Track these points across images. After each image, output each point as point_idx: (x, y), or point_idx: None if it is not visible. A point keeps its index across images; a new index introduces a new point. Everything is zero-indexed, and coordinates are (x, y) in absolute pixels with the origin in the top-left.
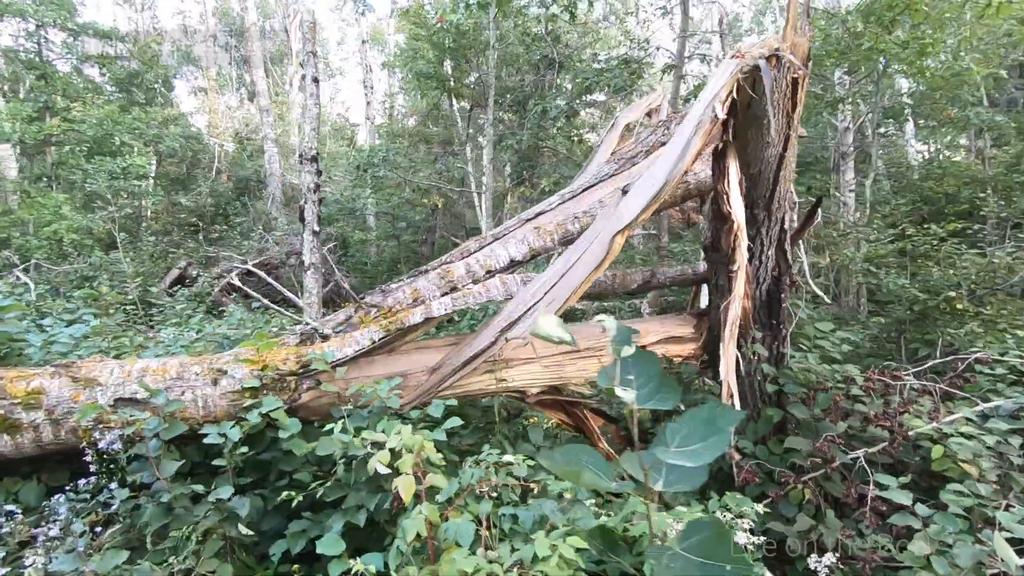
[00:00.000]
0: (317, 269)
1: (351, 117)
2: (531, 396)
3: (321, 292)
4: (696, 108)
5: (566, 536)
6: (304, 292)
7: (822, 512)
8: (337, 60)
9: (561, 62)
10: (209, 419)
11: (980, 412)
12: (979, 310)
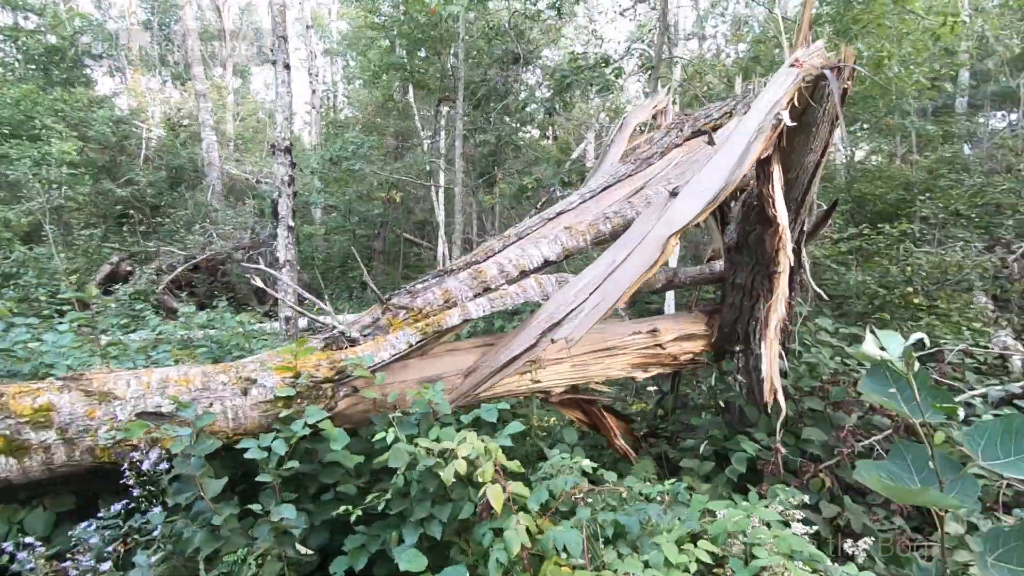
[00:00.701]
0: (293, 266)
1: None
2: (555, 396)
3: (295, 291)
4: (755, 115)
5: (692, 540)
6: (279, 290)
7: (840, 499)
8: (269, 45)
9: (526, 57)
10: (239, 432)
11: (966, 400)
12: (932, 304)
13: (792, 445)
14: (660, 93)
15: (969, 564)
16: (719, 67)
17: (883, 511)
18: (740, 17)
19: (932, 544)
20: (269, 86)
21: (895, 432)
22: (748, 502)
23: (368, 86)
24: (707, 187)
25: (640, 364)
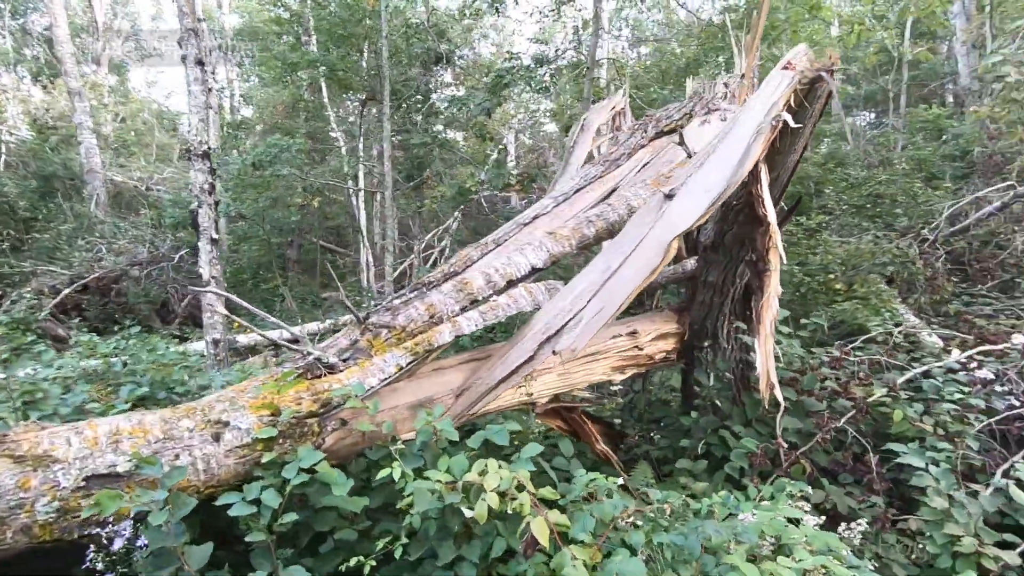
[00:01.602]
0: (220, 283)
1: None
2: (540, 406)
3: (223, 309)
4: (752, 115)
5: (774, 554)
6: (204, 311)
7: (820, 483)
8: (154, 39)
9: (448, 57)
10: (213, 484)
11: (908, 378)
12: (850, 289)
13: (766, 435)
14: (617, 95)
15: (959, 536)
16: (641, 67)
17: (858, 490)
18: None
19: (910, 518)
20: (151, 84)
21: (857, 413)
22: (749, 498)
23: (273, 84)
24: (710, 188)
25: (619, 367)
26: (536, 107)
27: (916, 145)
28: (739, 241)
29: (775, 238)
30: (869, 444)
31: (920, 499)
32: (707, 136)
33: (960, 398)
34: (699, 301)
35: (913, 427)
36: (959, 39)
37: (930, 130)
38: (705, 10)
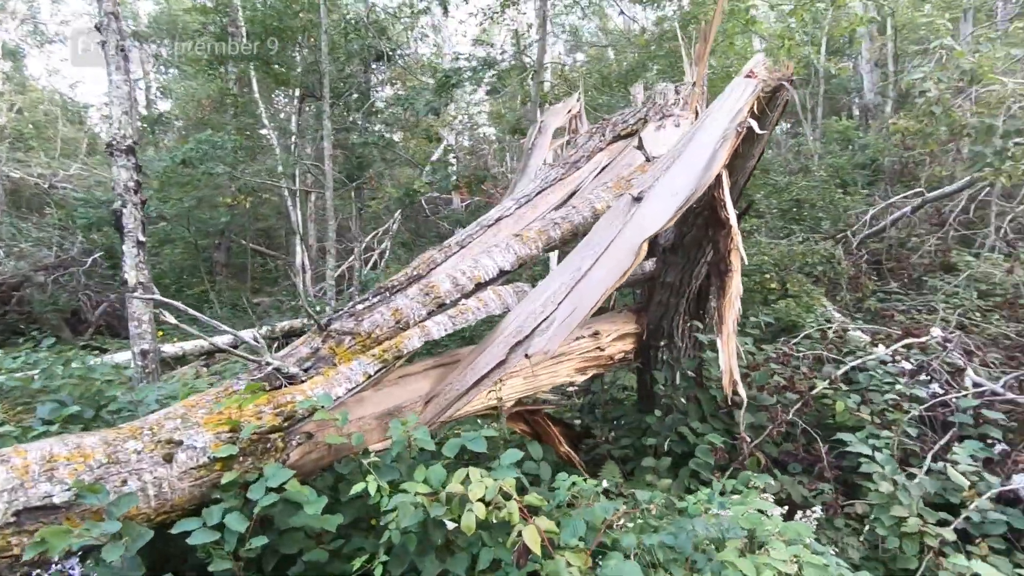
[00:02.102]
0: (149, 289)
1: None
2: (506, 410)
3: (153, 317)
4: (718, 122)
5: (750, 547)
6: (131, 320)
7: (773, 473)
8: (55, 24)
9: (388, 55)
10: (166, 511)
11: (845, 371)
12: (784, 289)
13: (720, 430)
14: (572, 98)
15: (904, 517)
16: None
17: (806, 479)
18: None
19: (856, 503)
20: (53, 72)
21: (803, 406)
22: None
23: (196, 77)
24: (677, 191)
25: (582, 368)
26: (476, 109)
27: (834, 154)
28: (697, 243)
29: (736, 240)
30: (818, 435)
31: (863, 484)
32: (663, 140)
33: (896, 388)
34: (656, 301)
35: (853, 417)
36: (864, 57)
37: (841, 140)
38: (638, 19)
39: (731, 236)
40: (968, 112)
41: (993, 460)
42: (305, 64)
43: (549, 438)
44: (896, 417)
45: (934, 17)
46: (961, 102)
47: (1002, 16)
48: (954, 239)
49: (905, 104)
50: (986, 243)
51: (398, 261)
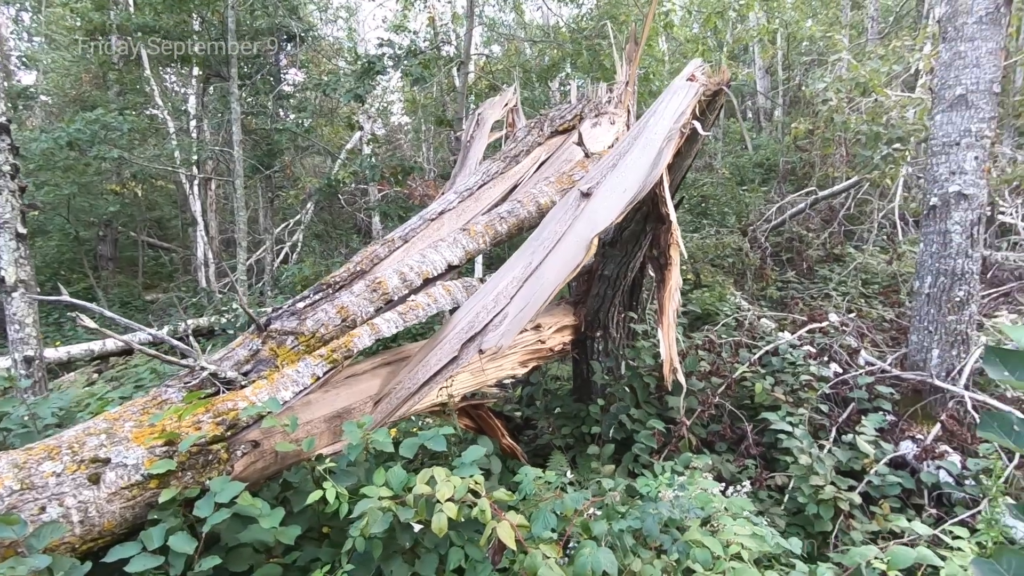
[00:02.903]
0: (30, 287)
1: None
2: (453, 405)
3: (38, 319)
4: (662, 123)
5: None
6: (10, 322)
7: (703, 452)
8: None
9: (301, 37)
10: (94, 538)
11: (759, 356)
12: (699, 279)
13: (653, 415)
14: (509, 91)
15: (821, 486)
16: (502, 65)
17: (731, 456)
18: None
19: (776, 475)
20: None
21: (728, 389)
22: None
23: (70, 49)
24: (627, 188)
25: (525, 361)
26: (391, 97)
27: (736, 153)
28: (635, 237)
29: (676, 235)
30: (744, 415)
31: (781, 458)
32: (598, 137)
33: (810, 370)
34: (594, 294)
35: (770, 397)
36: (757, 64)
37: (738, 140)
38: (555, 16)
39: (671, 231)
40: (856, 121)
41: (885, 430)
42: (208, 41)
43: (492, 431)
44: (808, 396)
45: (833, 32)
46: (850, 112)
47: (871, 34)
48: (839, 234)
49: (795, 109)
50: (868, 237)
51: (312, 253)
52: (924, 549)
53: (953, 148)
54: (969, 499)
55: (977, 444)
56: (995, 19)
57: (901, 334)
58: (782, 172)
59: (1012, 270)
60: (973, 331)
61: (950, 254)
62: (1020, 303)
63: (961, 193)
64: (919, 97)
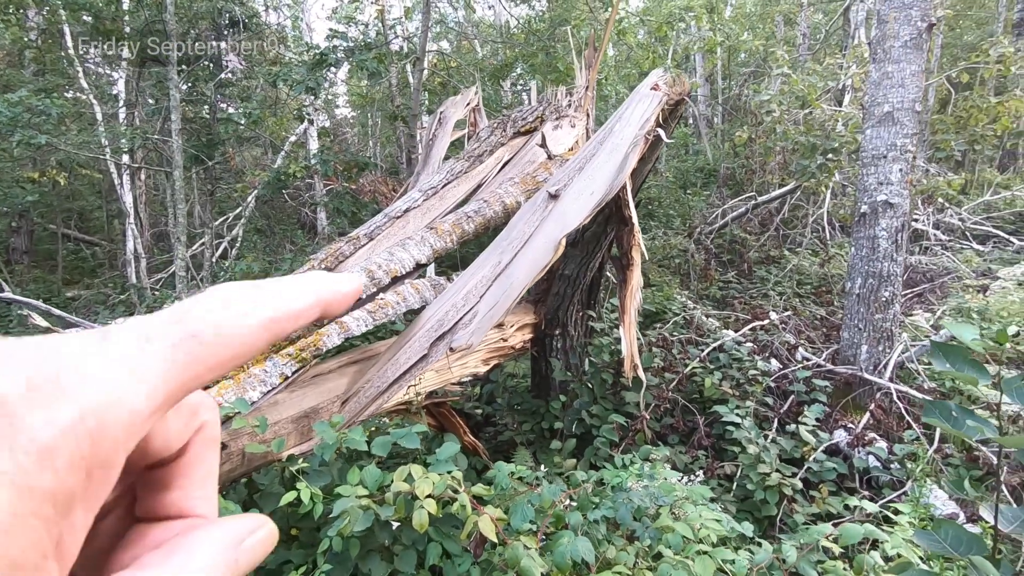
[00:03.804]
0: None
1: None
2: (419, 403)
3: None
4: (628, 129)
5: (696, 510)
6: None
7: (658, 445)
8: None
9: (245, 23)
10: None
11: (707, 352)
12: (647, 279)
13: (610, 410)
14: (471, 91)
15: (768, 473)
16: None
17: (683, 447)
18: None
19: (725, 464)
20: None
21: (679, 384)
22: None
23: None
24: (595, 191)
25: (487, 359)
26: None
27: (681, 158)
28: (596, 238)
29: (638, 237)
30: (696, 409)
31: (729, 448)
32: (560, 139)
33: (758, 365)
34: (554, 293)
35: (719, 391)
36: (698, 73)
37: (681, 145)
38: (505, 15)
39: (633, 233)
40: (795, 131)
41: (820, 420)
42: (143, 21)
43: (454, 428)
44: (753, 390)
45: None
46: (791, 123)
47: (802, 50)
48: (774, 237)
49: (735, 117)
50: (801, 241)
51: (254, 248)
52: (870, 526)
53: (881, 160)
54: (895, 481)
55: (901, 431)
56: (918, 44)
57: (833, 331)
58: (722, 177)
59: (924, 272)
60: (896, 328)
61: (878, 257)
62: (932, 303)
63: (888, 202)
64: (851, 112)
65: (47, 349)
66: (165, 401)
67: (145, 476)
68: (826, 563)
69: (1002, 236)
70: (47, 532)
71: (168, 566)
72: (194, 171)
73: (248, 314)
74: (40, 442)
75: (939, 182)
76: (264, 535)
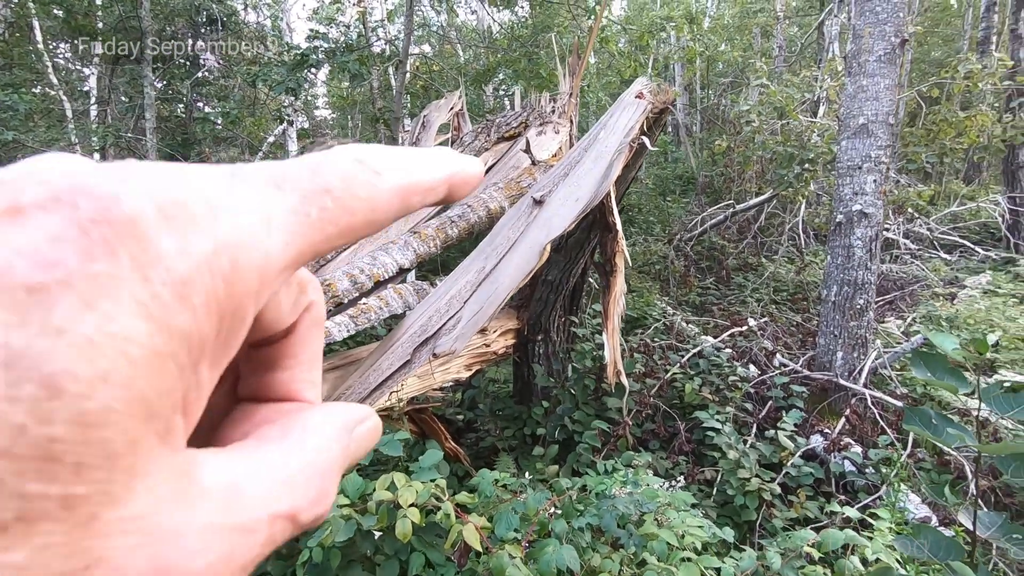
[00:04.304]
0: None
1: None
2: (401, 410)
3: None
4: (613, 136)
5: (679, 516)
6: None
7: (638, 450)
8: None
9: (223, 21)
10: None
11: (688, 358)
12: (628, 285)
13: (592, 416)
14: (454, 95)
15: (748, 478)
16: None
17: (664, 453)
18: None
19: (705, 470)
20: None
21: (660, 389)
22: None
23: None
24: (580, 197)
25: (470, 364)
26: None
27: (661, 165)
28: (579, 244)
29: (621, 243)
30: (677, 415)
31: (709, 454)
32: (543, 145)
33: (736, 371)
34: (536, 298)
35: (699, 397)
36: (677, 82)
37: (660, 154)
38: (489, 19)
39: (617, 239)
40: (773, 141)
41: (798, 425)
42: (117, 17)
43: (435, 434)
44: (733, 395)
45: (753, 59)
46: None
47: (778, 62)
48: (752, 245)
49: (713, 126)
50: (777, 248)
51: None
52: (851, 532)
53: (856, 171)
54: (871, 485)
55: (876, 436)
56: (891, 58)
57: (809, 337)
58: (701, 185)
59: (895, 280)
60: (870, 335)
61: (853, 266)
62: (902, 310)
63: (863, 212)
64: (827, 123)
65: (173, 174)
66: (297, 257)
67: (251, 353)
68: (807, 568)
69: (968, 246)
70: (180, 379)
71: (288, 440)
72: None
73: (383, 177)
74: (178, 273)
75: (910, 193)
76: (373, 425)
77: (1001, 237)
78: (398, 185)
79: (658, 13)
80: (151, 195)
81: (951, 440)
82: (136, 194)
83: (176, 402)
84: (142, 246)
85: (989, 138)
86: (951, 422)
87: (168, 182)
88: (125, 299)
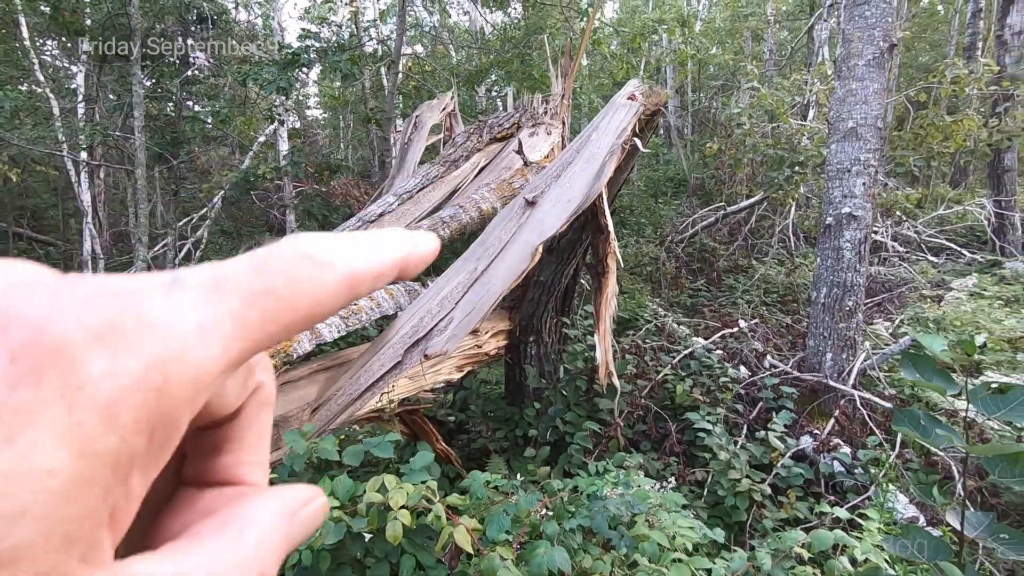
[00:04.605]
0: None
1: None
2: (391, 411)
3: None
4: (605, 138)
5: (670, 517)
6: None
7: (630, 451)
8: None
9: (213, 19)
10: None
11: (679, 359)
12: (621, 286)
13: (583, 417)
14: (446, 96)
15: (738, 479)
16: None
17: (655, 454)
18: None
19: (696, 471)
20: None
21: (651, 391)
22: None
23: None
24: (572, 199)
25: (462, 365)
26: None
27: (652, 167)
28: (571, 245)
29: (613, 245)
30: (668, 416)
31: (700, 455)
32: (536, 146)
33: (727, 372)
34: (528, 299)
35: (690, 398)
36: (669, 85)
37: (652, 156)
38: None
39: (609, 241)
40: (764, 144)
41: (788, 426)
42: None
43: (426, 436)
44: (724, 396)
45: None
46: (760, 136)
47: (769, 65)
48: (742, 247)
49: (704, 128)
50: (768, 250)
51: (219, 251)
52: (841, 532)
53: (845, 174)
54: (859, 486)
55: (864, 437)
56: (880, 63)
57: (798, 339)
58: (692, 187)
59: (883, 282)
60: (859, 337)
61: (842, 268)
62: (891, 312)
63: (852, 214)
64: (816, 127)
65: (108, 288)
66: (235, 360)
67: (196, 436)
68: (796, 569)
69: (954, 248)
70: (104, 500)
71: (224, 537)
72: (157, 170)
73: (329, 270)
74: (104, 396)
75: (897, 196)
76: (318, 506)
77: (987, 240)
78: (344, 276)
79: (650, 16)
80: (81, 318)
81: (939, 441)
82: (67, 316)
83: (100, 520)
84: (70, 371)
85: (975, 142)
86: (939, 423)
87: (100, 301)
88: (47, 429)
